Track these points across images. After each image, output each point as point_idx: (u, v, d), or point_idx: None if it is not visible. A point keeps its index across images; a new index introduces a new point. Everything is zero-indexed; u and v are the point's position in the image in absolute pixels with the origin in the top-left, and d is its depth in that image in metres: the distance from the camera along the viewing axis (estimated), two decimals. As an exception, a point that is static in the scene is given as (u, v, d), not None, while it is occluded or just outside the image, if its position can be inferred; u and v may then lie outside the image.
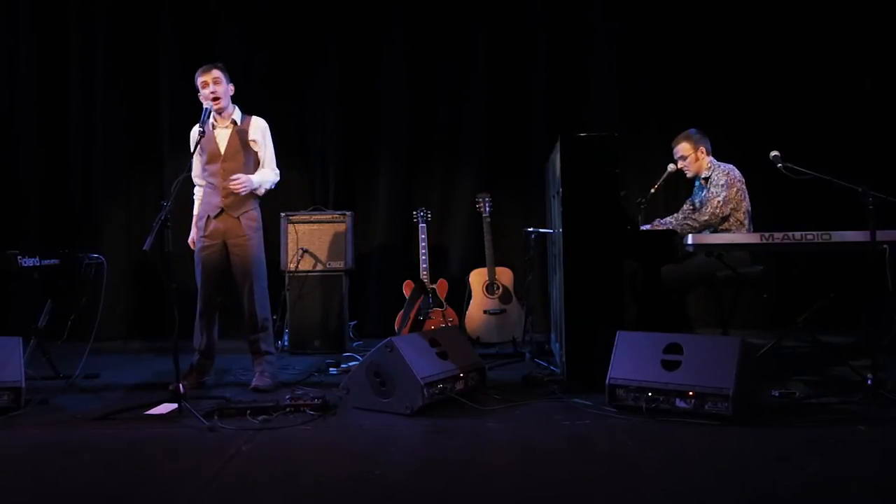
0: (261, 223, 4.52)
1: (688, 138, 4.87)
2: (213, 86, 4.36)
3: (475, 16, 6.54)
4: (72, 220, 6.58)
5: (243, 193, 4.36)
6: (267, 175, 4.50)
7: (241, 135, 4.45)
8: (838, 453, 3.02)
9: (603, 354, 3.73)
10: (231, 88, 4.47)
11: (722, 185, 4.64)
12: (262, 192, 4.49)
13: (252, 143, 4.47)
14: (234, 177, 4.33)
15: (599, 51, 6.48)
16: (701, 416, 3.39)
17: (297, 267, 5.83)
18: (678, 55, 6.36)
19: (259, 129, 4.51)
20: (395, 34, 6.56)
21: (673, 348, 3.59)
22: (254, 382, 4.36)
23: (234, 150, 4.43)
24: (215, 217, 4.42)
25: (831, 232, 3.91)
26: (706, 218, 4.65)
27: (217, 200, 4.42)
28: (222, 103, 4.40)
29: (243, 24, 6.57)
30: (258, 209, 4.52)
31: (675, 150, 4.91)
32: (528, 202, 6.38)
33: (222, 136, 4.46)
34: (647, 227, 4.82)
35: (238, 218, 4.40)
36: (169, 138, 6.46)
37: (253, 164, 4.49)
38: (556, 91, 6.48)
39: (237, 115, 4.49)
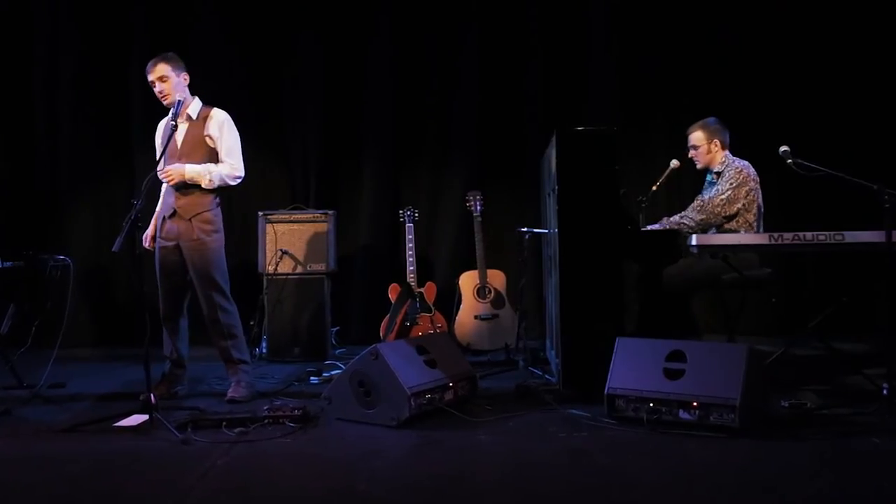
0: (219, 225, 4.43)
1: (704, 128, 4.84)
2: (160, 84, 4.32)
3: (467, 4, 6.53)
4: (36, 219, 6.55)
5: (171, 184, 4.29)
6: (219, 167, 4.35)
7: (197, 129, 4.39)
8: (851, 467, 3.02)
9: (601, 362, 3.73)
10: (185, 77, 4.39)
11: (731, 184, 4.62)
12: (206, 183, 4.31)
13: (207, 139, 4.37)
14: (164, 169, 4.27)
15: (598, 40, 6.48)
16: (706, 428, 3.39)
17: (275, 269, 5.80)
18: (683, 45, 6.38)
19: (216, 123, 4.40)
20: (382, 21, 6.56)
21: (676, 356, 3.59)
22: (230, 393, 4.33)
23: (190, 146, 4.37)
24: (169, 217, 4.39)
25: (844, 232, 3.92)
26: (703, 217, 4.63)
27: (171, 201, 4.38)
28: (171, 99, 4.30)
29: (218, 15, 6.55)
30: (216, 210, 4.41)
31: (689, 139, 4.89)
32: (522, 201, 6.37)
33: (179, 131, 4.37)
34: (656, 226, 4.73)
35: (190, 220, 4.33)
36: (139, 134, 6.39)
37: (215, 160, 4.40)
38: (552, 83, 6.49)
39: (195, 107, 4.42)
